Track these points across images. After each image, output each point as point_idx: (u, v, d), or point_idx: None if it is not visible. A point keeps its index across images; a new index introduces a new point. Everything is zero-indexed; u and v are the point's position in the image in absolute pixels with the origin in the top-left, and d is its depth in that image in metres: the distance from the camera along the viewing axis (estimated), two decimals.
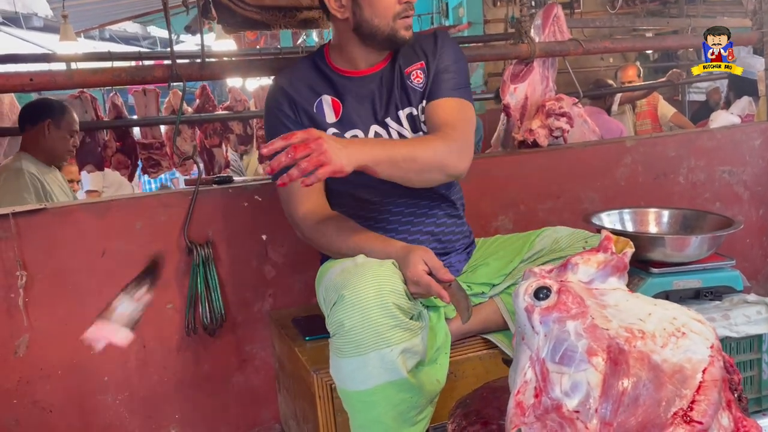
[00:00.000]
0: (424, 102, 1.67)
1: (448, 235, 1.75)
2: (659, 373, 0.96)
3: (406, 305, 1.38)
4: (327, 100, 1.66)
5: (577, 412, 0.93)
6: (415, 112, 1.68)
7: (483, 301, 1.69)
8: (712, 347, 1.00)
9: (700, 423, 0.92)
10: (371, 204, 1.68)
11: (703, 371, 0.97)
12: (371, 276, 1.35)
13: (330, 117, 1.65)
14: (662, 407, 0.93)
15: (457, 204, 1.79)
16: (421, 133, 1.68)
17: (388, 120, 1.67)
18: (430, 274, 1.42)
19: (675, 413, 0.93)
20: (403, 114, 1.68)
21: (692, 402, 0.94)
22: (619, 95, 4.86)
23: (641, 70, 5.67)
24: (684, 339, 1.01)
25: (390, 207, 1.69)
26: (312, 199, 1.63)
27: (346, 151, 1.32)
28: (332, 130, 1.64)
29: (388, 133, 1.66)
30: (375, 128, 1.66)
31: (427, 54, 1.69)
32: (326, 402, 1.58)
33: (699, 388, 0.95)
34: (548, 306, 1.02)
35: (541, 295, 1.04)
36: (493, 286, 1.69)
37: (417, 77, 1.68)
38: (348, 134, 1.64)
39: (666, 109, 5.35)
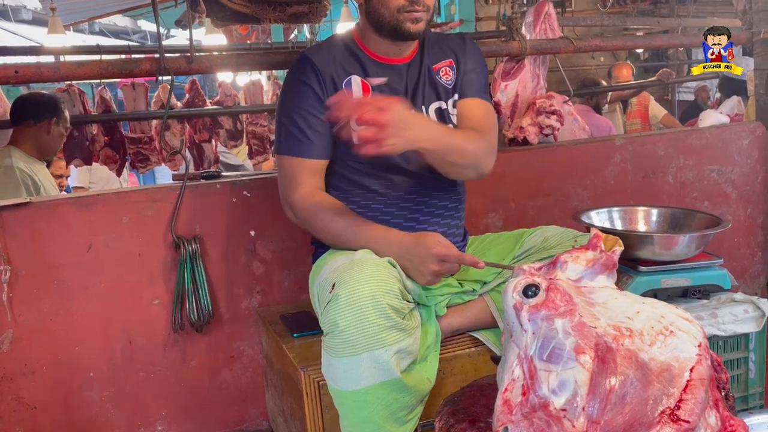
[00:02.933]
0: (456, 96, 1.72)
1: (449, 237, 1.73)
2: (647, 372, 0.95)
3: (400, 305, 1.38)
4: (357, 80, 1.65)
5: (564, 410, 0.93)
6: (444, 106, 1.71)
7: (473, 299, 1.68)
8: (699, 346, 1.00)
9: (687, 422, 0.92)
10: (379, 195, 1.67)
11: (691, 370, 0.97)
12: (367, 275, 1.35)
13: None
14: (649, 406, 0.93)
15: (460, 206, 1.80)
16: (450, 126, 1.70)
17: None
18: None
19: (662, 412, 0.93)
20: (431, 108, 1.70)
21: (679, 401, 0.94)
22: (609, 93, 4.88)
23: (635, 70, 5.69)
24: (672, 337, 1.00)
25: (399, 202, 1.68)
26: (312, 182, 1.62)
27: (407, 134, 1.34)
28: None
29: None
30: None
31: (456, 53, 1.75)
32: (314, 399, 1.57)
33: (686, 386, 0.95)
34: (536, 304, 1.02)
35: (530, 293, 1.04)
36: (484, 283, 1.69)
37: (446, 74, 1.72)
38: None
39: (657, 110, 5.38)
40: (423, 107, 1.69)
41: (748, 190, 2.93)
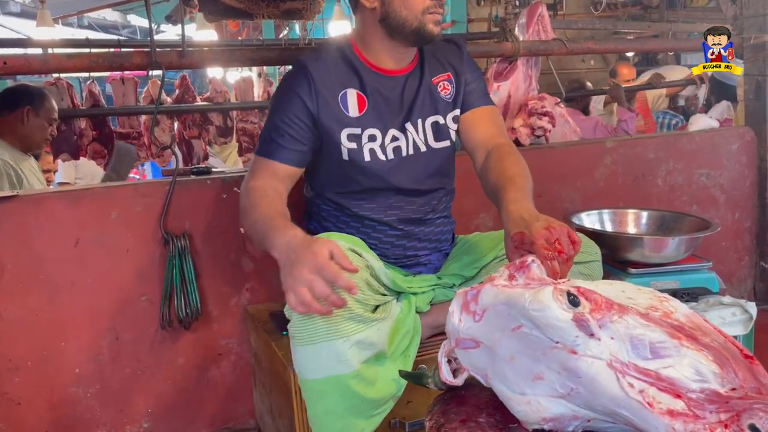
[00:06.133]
0: (457, 111, 1.70)
1: (445, 234, 1.78)
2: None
3: (364, 297, 1.38)
4: (352, 93, 1.61)
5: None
6: (441, 121, 1.68)
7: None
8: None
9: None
10: (368, 205, 1.68)
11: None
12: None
13: (353, 111, 1.60)
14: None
15: (450, 207, 1.81)
16: (448, 142, 1.69)
17: (408, 125, 1.65)
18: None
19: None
20: (427, 122, 1.67)
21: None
22: (603, 96, 4.89)
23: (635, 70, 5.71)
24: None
25: (387, 210, 1.68)
26: (270, 180, 1.55)
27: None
28: (349, 130, 1.59)
29: (406, 138, 1.64)
30: (393, 132, 1.63)
31: (454, 66, 1.72)
32: (302, 397, 1.56)
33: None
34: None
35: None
36: (465, 278, 1.70)
37: (444, 89, 1.69)
38: (366, 132, 1.60)
39: (655, 92, 5.40)
40: (420, 120, 1.66)
41: (737, 195, 2.96)
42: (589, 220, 2.21)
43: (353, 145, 1.59)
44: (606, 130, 4.17)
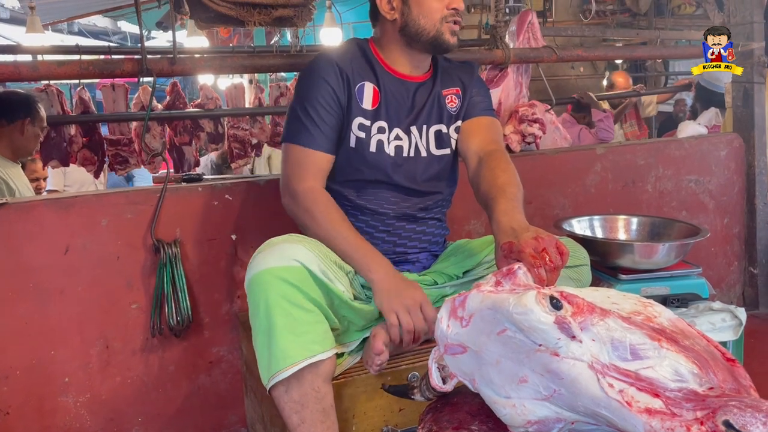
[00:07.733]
0: (459, 122, 1.77)
1: (436, 236, 1.81)
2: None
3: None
4: (369, 87, 1.68)
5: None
6: (444, 130, 1.76)
7: (441, 293, 1.69)
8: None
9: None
10: (366, 209, 1.71)
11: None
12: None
13: (367, 104, 1.67)
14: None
15: (444, 214, 1.85)
16: (449, 150, 1.76)
17: (413, 128, 1.72)
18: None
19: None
20: (431, 129, 1.74)
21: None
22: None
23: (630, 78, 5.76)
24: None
25: (384, 218, 1.72)
26: (318, 177, 1.63)
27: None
28: (360, 119, 1.65)
29: (409, 140, 1.70)
30: (397, 131, 1.70)
31: (464, 82, 1.80)
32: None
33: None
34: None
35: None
36: (449, 276, 1.72)
37: (452, 102, 1.77)
38: (375, 125, 1.67)
39: (647, 99, 5.44)
40: (424, 126, 1.73)
41: (725, 201, 2.98)
42: (580, 226, 2.22)
43: (362, 134, 1.66)
44: (588, 133, 4.24)
